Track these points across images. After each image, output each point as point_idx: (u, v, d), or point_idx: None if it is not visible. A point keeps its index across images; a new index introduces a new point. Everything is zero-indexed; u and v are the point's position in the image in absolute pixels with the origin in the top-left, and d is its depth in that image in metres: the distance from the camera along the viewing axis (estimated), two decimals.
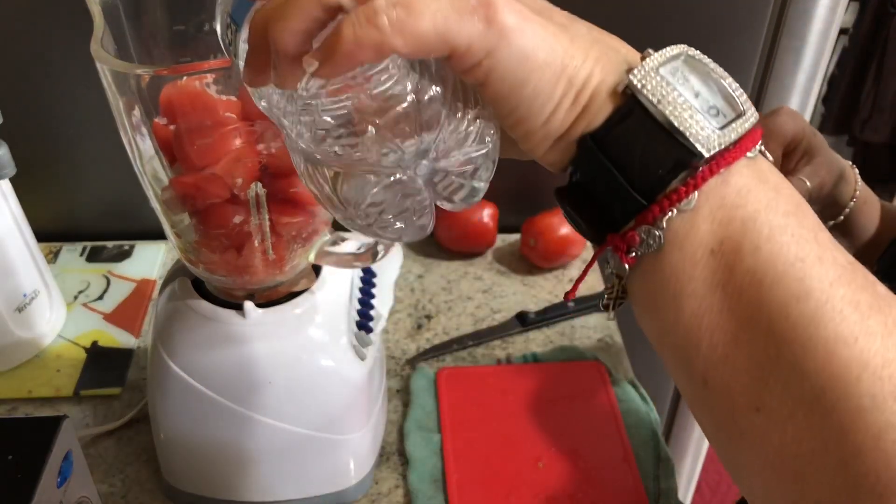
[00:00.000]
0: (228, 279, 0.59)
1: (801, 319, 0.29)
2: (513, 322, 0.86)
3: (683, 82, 0.32)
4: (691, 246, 0.32)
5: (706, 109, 0.32)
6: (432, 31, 0.29)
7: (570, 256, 0.94)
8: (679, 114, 0.31)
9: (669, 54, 0.33)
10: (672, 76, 0.32)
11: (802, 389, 0.29)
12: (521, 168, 1.04)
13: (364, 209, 0.34)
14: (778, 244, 0.30)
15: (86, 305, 0.89)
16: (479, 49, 0.30)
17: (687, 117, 0.31)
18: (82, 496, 0.56)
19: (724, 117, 0.32)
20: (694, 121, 0.31)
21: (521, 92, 0.31)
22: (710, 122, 0.31)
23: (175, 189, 0.54)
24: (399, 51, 0.29)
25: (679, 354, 0.33)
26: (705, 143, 0.31)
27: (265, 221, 0.55)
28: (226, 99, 0.51)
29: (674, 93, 0.31)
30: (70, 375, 0.79)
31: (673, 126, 0.31)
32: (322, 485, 0.66)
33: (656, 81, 0.31)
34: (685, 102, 0.31)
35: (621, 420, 0.75)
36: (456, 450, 0.72)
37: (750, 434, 0.31)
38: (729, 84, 0.33)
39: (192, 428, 0.62)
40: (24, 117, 0.88)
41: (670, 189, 0.31)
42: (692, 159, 0.31)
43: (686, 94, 0.32)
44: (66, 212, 0.99)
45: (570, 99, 0.32)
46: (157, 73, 0.48)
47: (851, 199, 0.63)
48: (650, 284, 0.33)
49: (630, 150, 0.32)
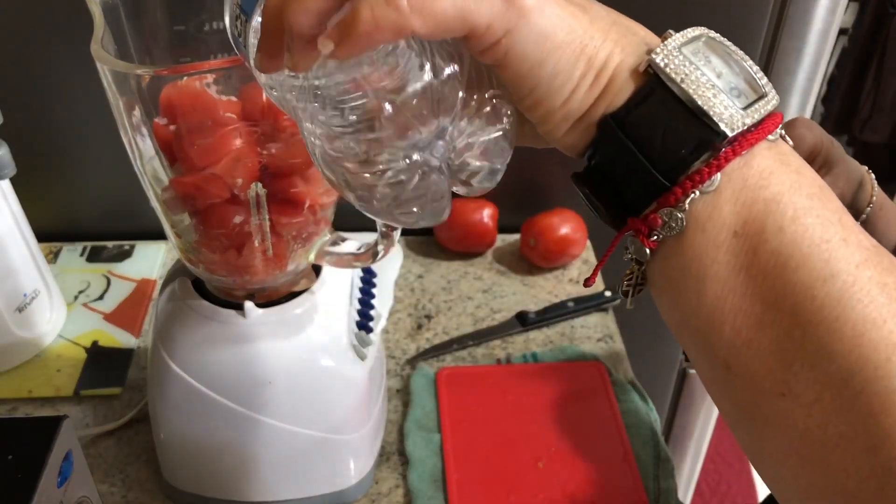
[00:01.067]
0: (228, 279, 0.59)
1: (828, 301, 0.29)
2: (513, 322, 0.87)
3: (706, 62, 0.32)
4: (714, 228, 0.31)
5: (729, 90, 0.32)
6: (451, 11, 0.28)
7: (570, 256, 0.94)
8: (703, 93, 0.31)
9: (691, 35, 0.33)
10: (694, 56, 0.32)
11: (829, 372, 0.29)
12: (521, 168, 1.04)
13: (380, 191, 0.33)
14: (803, 226, 0.30)
15: (86, 305, 0.89)
16: (498, 28, 0.30)
17: (710, 97, 0.31)
18: (82, 496, 0.56)
19: (747, 98, 0.32)
20: (718, 100, 0.31)
21: (539, 72, 0.31)
22: (733, 102, 0.31)
23: (175, 189, 0.54)
24: (418, 31, 0.28)
25: (701, 340, 0.32)
26: (729, 123, 0.31)
27: (265, 221, 0.55)
28: (226, 99, 0.51)
29: (696, 72, 0.31)
30: (70, 375, 0.79)
31: (696, 105, 0.31)
32: (322, 484, 0.66)
33: (679, 60, 0.31)
34: (708, 82, 0.31)
35: (621, 420, 0.75)
36: (456, 450, 0.72)
37: (774, 420, 0.30)
38: (750, 66, 0.33)
39: (192, 428, 0.62)
40: (25, 117, 0.88)
41: (693, 170, 0.31)
42: (715, 139, 0.31)
43: (709, 73, 0.32)
44: (67, 212, 0.99)
45: (589, 79, 0.32)
46: (157, 74, 0.48)
47: (868, 204, 0.63)
48: (672, 269, 0.33)
49: (652, 131, 0.31)
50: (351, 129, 0.32)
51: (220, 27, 0.58)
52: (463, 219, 0.94)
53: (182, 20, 0.57)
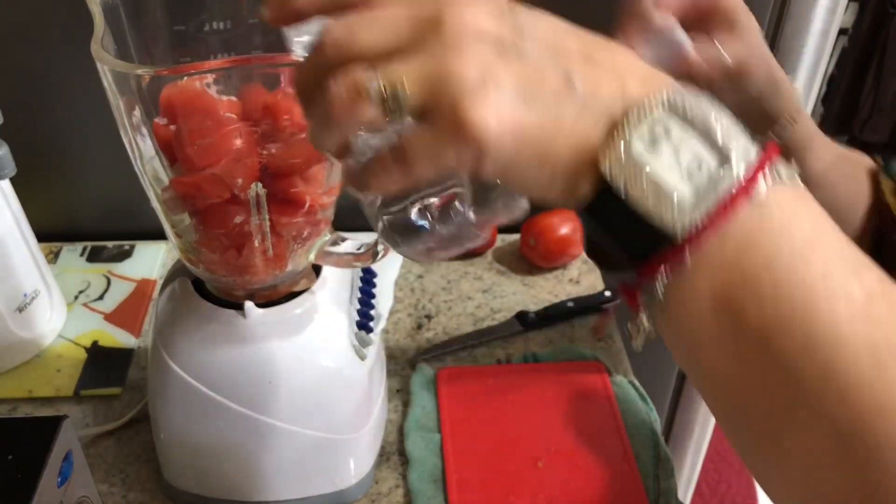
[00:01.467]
0: (229, 279, 0.59)
1: (814, 369, 0.29)
2: (512, 322, 0.87)
3: (664, 141, 0.31)
4: (694, 302, 0.31)
5: (688, 173, 0.31)
6: (427, 168, 0.33)
7: (569, 256, 0.94)
8: (647, 200, 0.31)
9: (650, 111, 0.31)
10: (650, 138, 0.31)
11: (824, 429, 0.30)
12: None
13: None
14: (784, 295, 0.30)
15: (86, 305, 0.89)
16: (466, 163, 0.32)
17: (657, 202, 0.30)
18: (82, 496, 0.56)
19: (709, 174, 0.31)
20: (664, 205, 0.30)
21: (514, 180, 0.34)
22: (687, 193, 0.30)
23: (175, 189, 0.54)
24: (409, 182, 0.34)
25: (705, 393, 0.34)
26: (680, 224, 0.30)
27: (265, 221, 0.55)
28: (226, 99, 0.51)
29: (644, 171, 0.31)
30: (70, 375, 0.80)
31: (644, 212, 0.31)
32: (322, 484, 0.66)
33: (625, 161, 0.31)
34: (658, 178, 0.30)
35: (621, 420, 0.75)
36: (456, 449, 0.72)
37: (776, 464, 0.32)
38: (713, 124, 0.31)
39: (192, 428, 0.62)
40: (25, 118, 0.88)
41: (661, 254, 0.31)
42: (669, 241, 0.31)
43: (662, 159, 0.31)
44: (67, 212, 0.99)
45: (559, 182, 0.33)
46: (157, 74, 0.48)
47: (786, 120, 0.58)
48: (664, 331, 0.34)
49: (614, 225, 0.32)
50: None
51: (220, 27, 0.58)
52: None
53: (182, 20, 0.57)
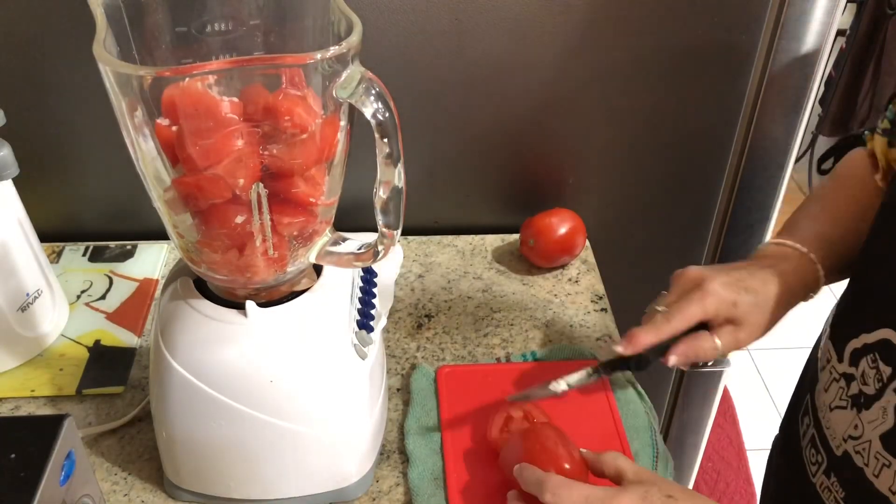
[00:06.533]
0: (230, 279, 0.59)
1: None
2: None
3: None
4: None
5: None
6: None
7: (569, 256, 0.95)
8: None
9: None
10: None
11: None
12: (521, 168, 1.04)
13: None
14: None
15: (88, 305, 0.89)
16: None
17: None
18: (85, 494, 0.56)
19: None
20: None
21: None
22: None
23: (177, 189, 0.54)
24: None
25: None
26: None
27: (266, 221, 0.55)
28: (228, 100, 0.52)
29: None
30: (73, 374, 0.80)
31: None
32: (323, 483, 0.67)
33: None
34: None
35: (620, 419, 0.75)
36: (456, 448, 0.72)
37: None
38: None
39: (194, 426, 0.62)
40: (27, 118, 0.89)
41: None
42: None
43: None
44: (69, 212, 0.99)
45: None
46: (159, 75, 0.48)
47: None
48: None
49: None
50: None
51: (222, 28, 0.59)
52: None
53: (184, 21, 0.58)
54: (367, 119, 0.50)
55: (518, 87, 0.92)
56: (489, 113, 0.94)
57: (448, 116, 0.94)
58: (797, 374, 0.70)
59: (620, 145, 0.98)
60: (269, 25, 0.59)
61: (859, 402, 0.55)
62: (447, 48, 0.88)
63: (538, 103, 0.93)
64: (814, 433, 0.61)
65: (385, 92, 0.50)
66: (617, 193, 1.03)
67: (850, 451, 0.55)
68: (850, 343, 0.57)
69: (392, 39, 0.87)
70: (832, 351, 0.60)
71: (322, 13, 0.57)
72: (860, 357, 0.56)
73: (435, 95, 0.92)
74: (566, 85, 0.92)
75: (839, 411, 0.57)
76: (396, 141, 0.51)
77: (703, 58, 0.91)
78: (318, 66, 0.50)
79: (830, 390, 0.59)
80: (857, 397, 0.55)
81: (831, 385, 0.59)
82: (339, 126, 0.55)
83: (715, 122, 0.97)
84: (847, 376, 0.57)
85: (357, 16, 0.52)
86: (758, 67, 0.92)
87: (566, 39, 0.88)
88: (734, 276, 0.62)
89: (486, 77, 0.90)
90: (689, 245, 1.10)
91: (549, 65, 0.90)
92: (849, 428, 0.56)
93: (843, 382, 0.57)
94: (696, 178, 1.03)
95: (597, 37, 0.89)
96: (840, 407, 0.57)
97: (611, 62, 0.91)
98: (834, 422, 0.58)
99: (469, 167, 0.99)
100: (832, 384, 0.59)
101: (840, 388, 0.58)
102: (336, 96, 0.51)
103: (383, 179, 0.53)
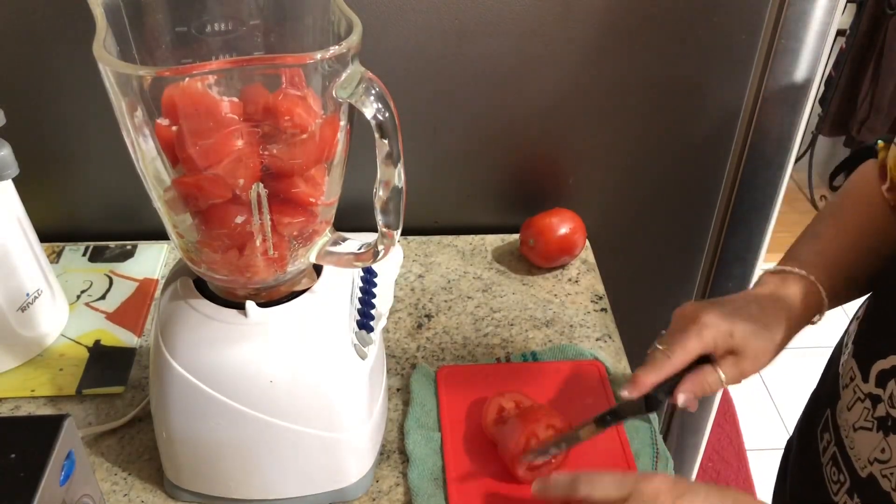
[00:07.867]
0: (230, 279, 0.59)
1: None
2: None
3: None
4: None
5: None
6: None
7: (569, 256, 0.95)
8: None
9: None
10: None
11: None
12: (521, 168, 1.04)
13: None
14: None
15: (88, 305, 0.89)
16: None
17: None
18: (85, 494, 0.56)
19: None
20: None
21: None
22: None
23: (177, 189, 0.54)
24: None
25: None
26: None
27: (266, 222, 0.55)
28: (228, 100, 0.52)
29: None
30: (73, 374, 0.80)
31: None
32: (323, 483, 0.67)
33: None
34: None
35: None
36: (456, 448, 0.72)
37: None
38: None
39: (193, 426, 0.62)
40: (27, 118, 0.89)
41: None
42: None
43: None
44: (69, 212, 0.99)
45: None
46: (159, 75, 0.48)
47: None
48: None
49: None
50: None
51: (222, 28, 0.59)
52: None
53: (184, 21, 0.58)
54: (367, 119, 0.50)
55: (518, 88, 0.92)
56: (489, 113, 0.94)
57: (448, 116, 0.94)
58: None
59: (620, 145, 0.99)
60: (269, 25, 0.59)
61: (886, 424, 0.54)
62: (447, 48, 0.88)
63: (538, 103, 0.93)
64: (835, 451, 0.60)
65: (385, 92, 0.50)
66: (617, 193, 1.03)
67: (877, 474, 0.54)
68: (877, 364, 0.56)
69: (392, 39, 0.87)
70: (856, 370, 0.59)
71: (322, 13, 0.57)
72: (888, 378, 0.54)
73: (435, 95, 0.92)
74: (566, 85, 0.92)
75: (864, 432, 0.56)
76: (396, 141, 0.51)
77: (703, 58, 0.91)
78: (318, 66, 0.50)
79: (854, 410, 0.58)
80: (885, 420, 0.54)
81: (855, 404, 0.58)
82: (339, 126, 0.55)
83: (715, 123, 0.98)
84: (873, 397, 0.56)
85: (357, 16, 0.52)
86: (758, 67, 0.92)
87: (566, 39, 0.88)
88: (730, 306, 0.61)
89: (486, 77, 0.90)
90: (688, 245, 1.11)
91: (550, 65, 0.90)
92: (875, 451, 0.55)
93: (868, 403, 0.56)
94: (696, 177, 1.03)
95: (597, 37, 0.89)
96: (865, 428, 0.56)
97: (610, 62, 0.91)
98: (858, 443, 0.57)
99: (469, 167, 0.99)
100: (856, 403, 0.58)
101: (865, 408, 0.57)
102: (336, 96, 0.51)
103: (383, 179, 0.53)
